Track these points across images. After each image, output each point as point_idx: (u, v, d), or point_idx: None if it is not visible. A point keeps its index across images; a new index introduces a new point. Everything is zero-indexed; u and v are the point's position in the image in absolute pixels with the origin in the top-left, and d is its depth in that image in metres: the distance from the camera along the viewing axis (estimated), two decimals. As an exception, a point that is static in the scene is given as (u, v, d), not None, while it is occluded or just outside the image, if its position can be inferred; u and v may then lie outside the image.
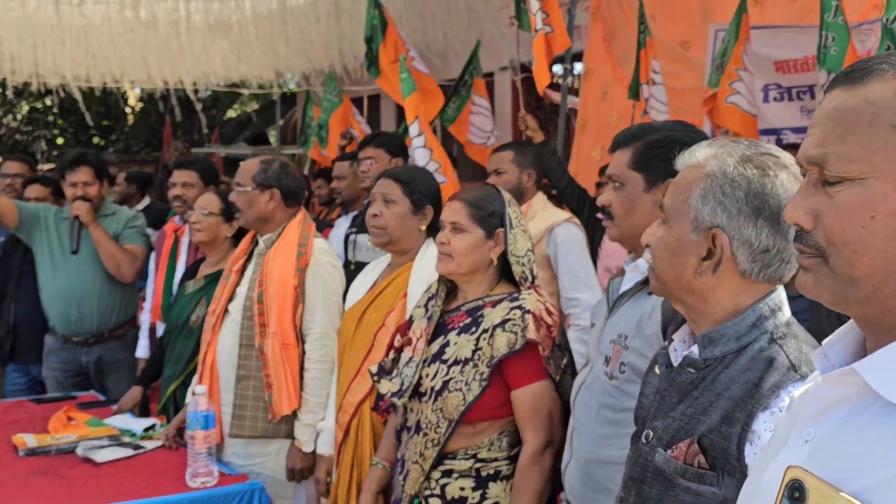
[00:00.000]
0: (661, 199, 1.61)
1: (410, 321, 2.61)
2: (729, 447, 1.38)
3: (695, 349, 1.52)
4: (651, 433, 1.52)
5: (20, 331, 4.68)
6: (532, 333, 2.30)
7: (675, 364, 1.55)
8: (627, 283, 2.14)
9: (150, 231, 4.96)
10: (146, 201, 7.74)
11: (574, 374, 2.43)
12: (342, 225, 4.74)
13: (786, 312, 1.51)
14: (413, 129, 4.79)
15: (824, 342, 1.08)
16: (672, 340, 1.60)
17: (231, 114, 16.88)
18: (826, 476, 0.93)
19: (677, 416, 1.48)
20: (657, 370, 1.60)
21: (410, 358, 2.48)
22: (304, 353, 3.20)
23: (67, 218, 4.39)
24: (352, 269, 3.78)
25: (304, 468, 3.16)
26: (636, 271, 2.11)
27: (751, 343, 1.46)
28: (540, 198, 4.05)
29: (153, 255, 4.66)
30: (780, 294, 1.52)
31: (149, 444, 3.28)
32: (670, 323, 1.78)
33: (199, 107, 11.94)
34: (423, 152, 4.64)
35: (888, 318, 0.97)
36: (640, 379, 1.79)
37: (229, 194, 3.44)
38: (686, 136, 2.01)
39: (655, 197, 1.99)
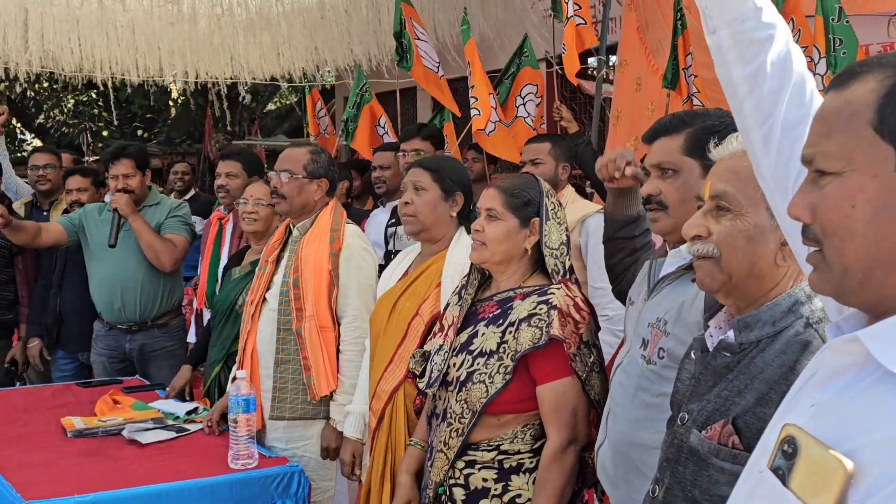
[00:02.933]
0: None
1: (446, 308, 2.62)
2: (764, 428, 1.36)
3: (730, 334, 1.53)
4: (686, 415, 1.54)
5: (66, 319, 4.80)
6: (556, 330, 2.27)
7: (711, 349, 1.56)
8: (669, 266, 2.09)
9: (196, 220, 5.06)
10: (192, 191, 7.84)
11: (603, 371, 2.41)
12: (379, 216, 4.79)
13: None
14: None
15: (840, 317, 1.13)
16: (708, 327, 1.61)
17: (270, 106, 17.02)
18: (822, 437, 0.97)
19: (712, 399, 1.49)
20: (693, 355, 1.61)
21: (440, 346, 2.49)
22: (339, 335, 3.28)
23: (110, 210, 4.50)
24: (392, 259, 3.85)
25: (339, 447, 3.22)
26: (679, 256, 2.06)
27: (786, 328, 1.48)
28: (569, 190, 4.07)
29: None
30: None
31: (192, 427, 3.37)
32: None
33: (240, 99, 12.08)
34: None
35: (883, 304, 1.01)
36: (678, 365, 1.79)
37: (272, 182, 3.48)
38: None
39: None
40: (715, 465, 1.46)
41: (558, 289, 2.37)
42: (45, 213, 5.34)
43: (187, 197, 7.29)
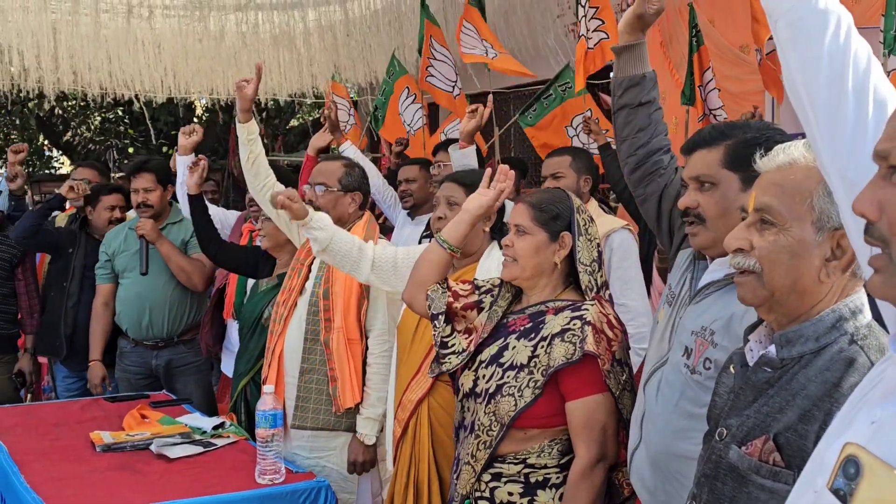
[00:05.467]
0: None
1: (473, 281, 2.62)
2: (806, 445, 1.37)
3: (772, 349, 1.51)
4: (725, 431, 1.51)
5: (77, 335, 4.71)
6: (590, 346, 2.26)
7: (751, 364, 1.54)
8: (715, 272, 2.06)
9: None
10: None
11: (633, 390, 2.39)
12: (406, 227, 4.80)
13: (866, 315, 1.49)
14: None
15: None
16: (748, 341, 1.60)
17: (293, 122, 17.11)
18: (885, 456, 0.93)
19: (752, 414, 1.47)
20: (731, 370, 1.59)
21: (464, 349, 2.49)
22: (366, 348, 3.29)
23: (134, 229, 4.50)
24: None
25: (366, 461, 3.24)
26: (724, 264, 2.02)
27: (830, 344, 1.45)
28: (593, 204, 4.00)
29: None
30: (862, 296, 1.50)
31: (219, 442, 3.37)
32: None
33: (263, 115, 12.16)
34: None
35: None
36: None
37: (305, 195, 3.49)
38: (777, 135, 1.96)
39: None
40: (755, 482, 1.44)
41: (592, 305, 2.36)
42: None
43: None
